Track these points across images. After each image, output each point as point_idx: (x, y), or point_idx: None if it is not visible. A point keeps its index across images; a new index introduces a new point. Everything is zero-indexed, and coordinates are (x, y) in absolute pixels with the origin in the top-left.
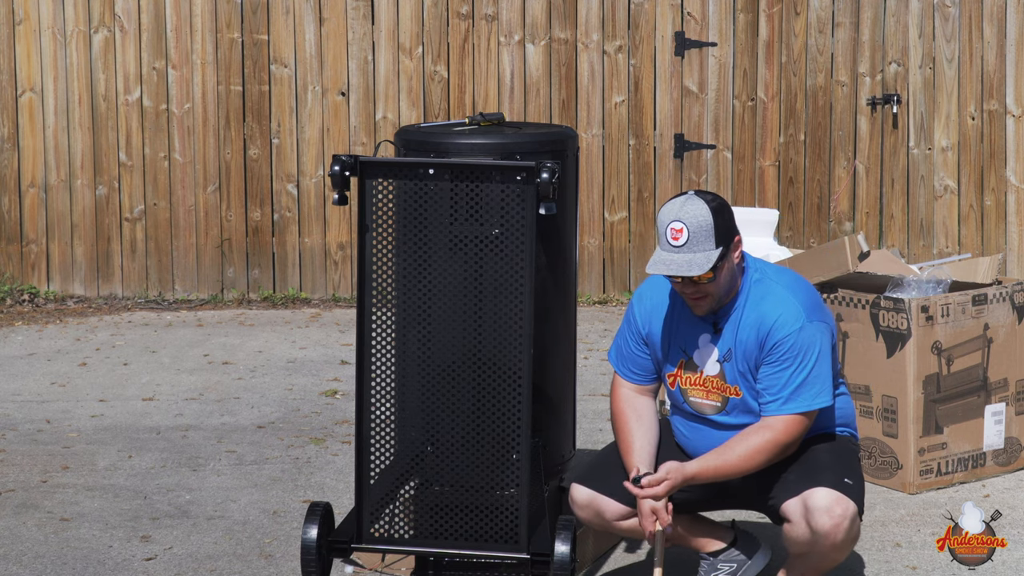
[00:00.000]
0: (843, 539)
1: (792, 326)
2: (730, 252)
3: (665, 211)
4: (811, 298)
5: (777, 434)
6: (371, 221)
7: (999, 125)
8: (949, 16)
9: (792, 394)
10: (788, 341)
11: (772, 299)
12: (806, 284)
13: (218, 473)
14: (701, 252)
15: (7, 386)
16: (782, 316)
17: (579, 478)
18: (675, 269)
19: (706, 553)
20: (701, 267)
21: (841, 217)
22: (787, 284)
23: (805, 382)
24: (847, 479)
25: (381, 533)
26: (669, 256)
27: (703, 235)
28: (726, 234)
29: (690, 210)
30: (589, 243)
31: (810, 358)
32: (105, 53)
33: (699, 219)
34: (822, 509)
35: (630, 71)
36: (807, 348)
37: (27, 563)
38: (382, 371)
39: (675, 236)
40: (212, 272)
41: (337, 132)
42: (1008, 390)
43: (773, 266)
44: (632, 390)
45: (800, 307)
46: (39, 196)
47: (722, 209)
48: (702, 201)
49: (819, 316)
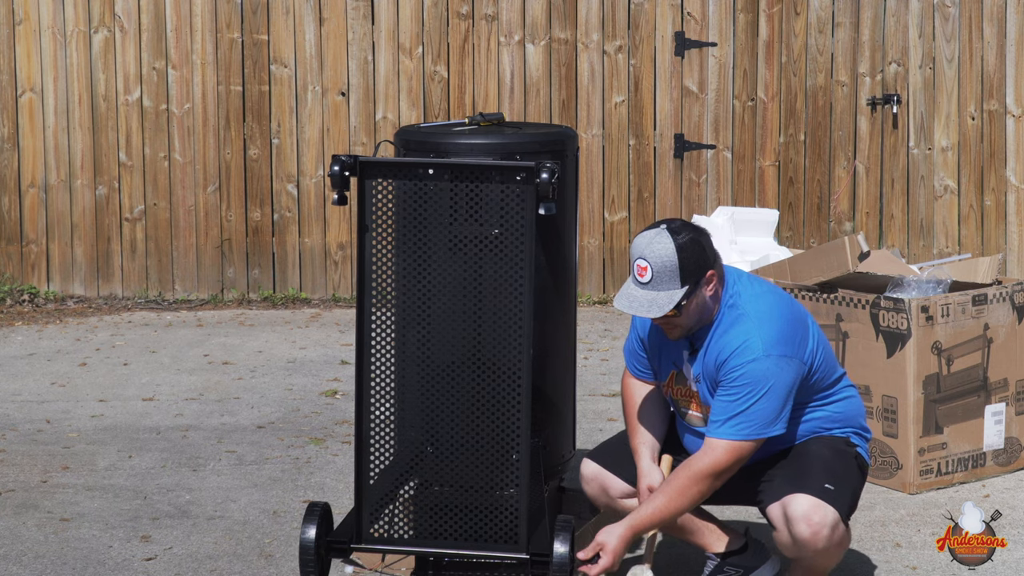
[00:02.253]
0: (824, 546)
1: (746, 357)
2: (700, 288)
3: (635, 243)
4: (779, 328)
5: (714, 459)
6: (371, 221)
7: (999, 125)
8: (949, 16)
9: (731, 419)
10: (738, 371)
11: (736, 330)
12: (780, 309)
13: (218, 473)
14: (664, 291)
15: (7, 386)
16: (739, 347)
17: (590, 454)
18: (636, 308)
19: (712, 553)
20: (662, 308)
21: (841, 217)
22: (758, 313)
23: (746, 411)
24: (828, 485)
25: (381, 533)
26: (634, 291)
27: (667, 275)
28: (694, 271)
29: (656, 248)
30: (589, 243)
31: (758, 391)
32: (105, 53)
33: (664, 258)
34: (800, 517)
35: (630, 71)
36: (756, 380)
37: (27, 563)
38: (382, 371)
39: (640, 272)
40: (212, 272)
41: (337, 132)
42: (1008, 390)
43: (752, 290)
44: (640, 382)
45: (760, 341)
46: (39, 196)
47: (691, 245)
48: (670, 239)
49: (782, 350)
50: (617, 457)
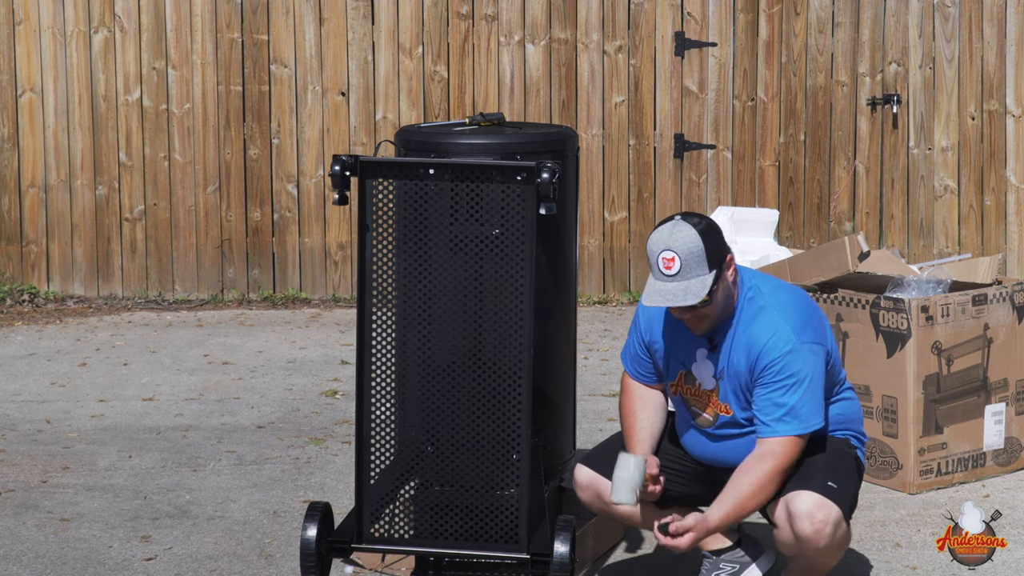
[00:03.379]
0: (826, 544)
1: (781, 348)
2: (723, 272)
3: (654, 240)
4: (803, 316)
5: (777, 460)
6: (371, 221)
7: (999, 125)
8: (949, 16)
9: (784, 416)
10: (778, 364)
11: (763, 321)
12: (799, 299)
13: (218, 473)
14: (695, 278)
15: (7, 386)
16: (771, 339)
17: (584, 459)
18: (672, 300)
19: (708, 551)
20: (697, 294)
21: (841, 217)
22: (779, 303)
23: (795, 406)
24: (831, 483)
25: (381, 533)
26: (664, 286)
27: (695, 261)
28: (717, 255)
29: (679, 237)
30: (589, 243)
31: (802, 383)
32: (105, 53)
33: (689, 245)
34: (803, 515)
35: (630, 71)
36: (797, 371)
37: (27, 563)
38: (382, 371)
39: (667, 265)
40: (212, 272)
41: (337, 132)
42: (1008, 390)
43: (767, 280)
44: (640, 385)
45: (790, 329)
46: (39, 196)
47: (710, 230)
48: (689, 226)
49: (811, 337)
50: (611, 462)
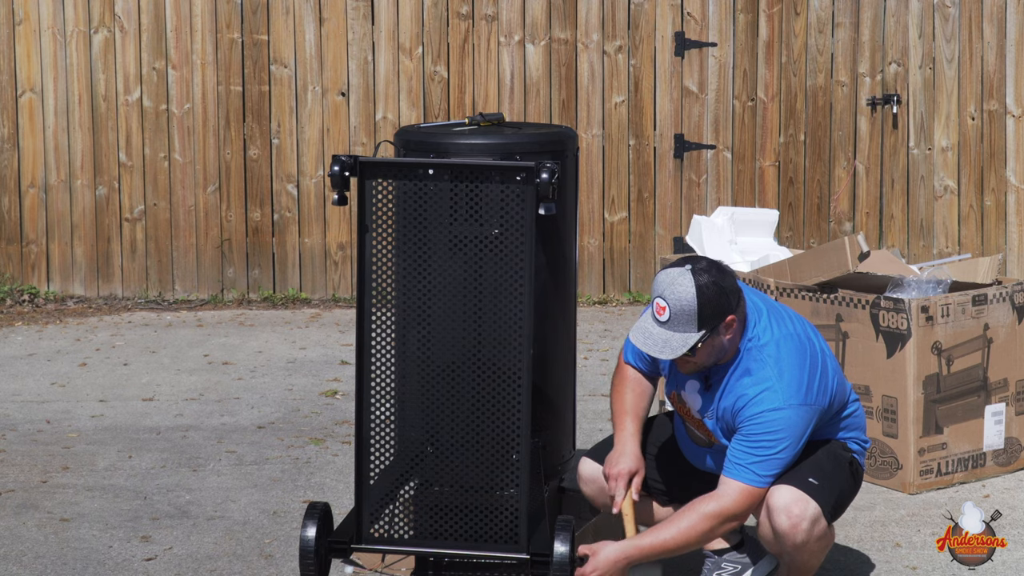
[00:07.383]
0: (803, 540)
1: (765, 405)
2: (717, 333)
3: (658, 279)
4: (802, 378)
5: (725, 503)
6: (371, 221)
7: (999, 125)
8: (949, 16)
9: (751, 465)
10: (758, 419)
11: (756, 375)
12: (802, 358)
13: (218, 473)
14: (680, 333)
15: (7, 386)
16: (758, 396)
17: (588, 453)
18: (650, 346)
19: (709, 550)
20: (675, 351)
21: (841, 217)
22: (777, 361)
23: (764, 460)
24: (812, 479)
25: (381, 533)
26: (650, 328)
27: (685, 318)
28: (713, 316)
29: (676, 290)
30: (589, 243)
31: (778, 440)
32: (105, 53)
33: (683, 302)
34: (780, 508)
35: (630, 71)
36: (777, 431)
37: (27, 563)
38: (382, 371)
39: (659, 311)
40: (212, 272)
41: (337, 132)
42: (1008, 390)
43: (773, 334)
44: (635, 371)
45: (781, 390)
46: (39, 196)
47: (711, 290)
48: (691, 281)
49: (802, 398)
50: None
